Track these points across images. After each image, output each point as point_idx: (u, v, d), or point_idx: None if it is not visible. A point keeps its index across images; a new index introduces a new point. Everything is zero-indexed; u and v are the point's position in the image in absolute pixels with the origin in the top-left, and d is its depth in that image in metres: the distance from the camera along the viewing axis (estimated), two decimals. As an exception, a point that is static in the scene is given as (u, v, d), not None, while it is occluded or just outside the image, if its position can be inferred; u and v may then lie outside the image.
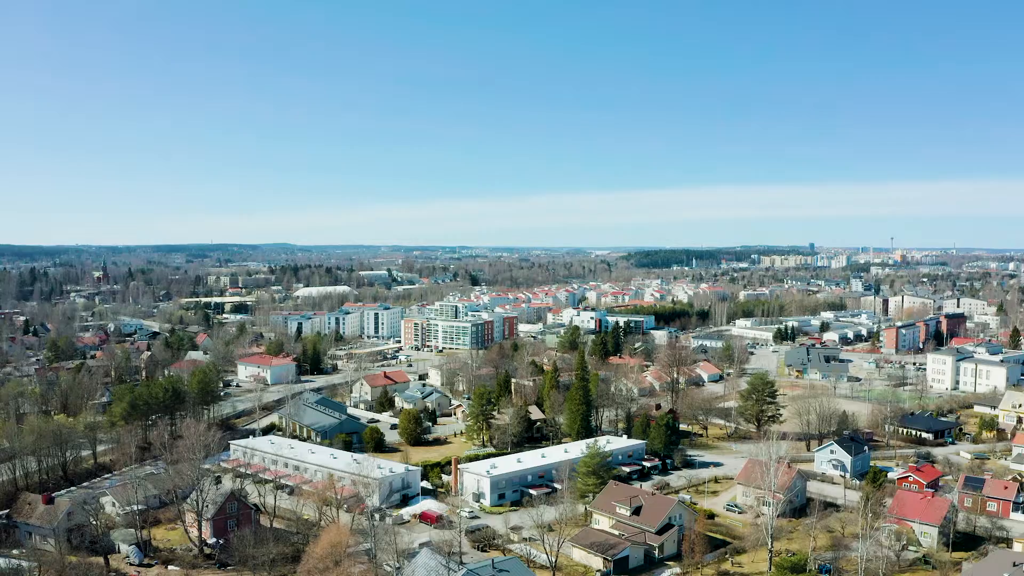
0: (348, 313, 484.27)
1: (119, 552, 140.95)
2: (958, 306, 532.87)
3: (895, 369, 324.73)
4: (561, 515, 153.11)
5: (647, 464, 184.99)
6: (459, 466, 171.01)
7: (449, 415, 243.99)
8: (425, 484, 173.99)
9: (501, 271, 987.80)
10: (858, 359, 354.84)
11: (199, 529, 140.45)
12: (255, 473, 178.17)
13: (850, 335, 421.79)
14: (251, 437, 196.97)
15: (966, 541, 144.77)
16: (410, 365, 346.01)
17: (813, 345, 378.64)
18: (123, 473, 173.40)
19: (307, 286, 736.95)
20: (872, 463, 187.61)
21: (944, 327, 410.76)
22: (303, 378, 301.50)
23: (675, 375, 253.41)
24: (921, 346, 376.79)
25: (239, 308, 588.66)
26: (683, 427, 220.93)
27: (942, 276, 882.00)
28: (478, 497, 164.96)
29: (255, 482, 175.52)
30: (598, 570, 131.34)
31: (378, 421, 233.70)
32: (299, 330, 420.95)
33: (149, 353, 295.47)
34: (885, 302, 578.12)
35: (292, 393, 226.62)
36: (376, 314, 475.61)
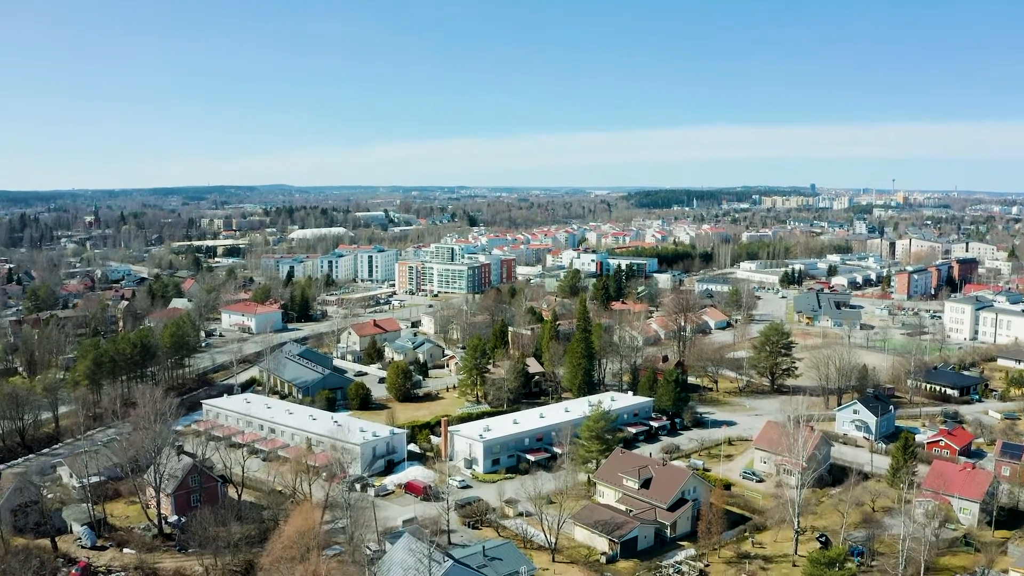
0: (341, 256, 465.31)
1: (71, 532, 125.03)
2: (967, 251, 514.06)
3: (909, 317, 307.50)
4: (561, 485, 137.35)
5: (655, 424, 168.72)
6: (450, 429, 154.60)
7: (442, 367, 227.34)
8: (413, 447, 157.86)
9: (500, 211, 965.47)
10: (869, 305, 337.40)
11: (157, 506, 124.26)
12: (227, 437, 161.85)
13: (859, 279, 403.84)
14: (225, 396, 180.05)
15: (1010, 518, 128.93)
16: (403, 308, 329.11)
17: (822, 290, 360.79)
18: (84, 439, 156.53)
19: (302, 228, 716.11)
20: (896, 423, 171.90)
21: (956, 272, 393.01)
22: (290, 326, 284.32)
23: (682, 323, 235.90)
24: (933, 292, 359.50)
25: (232, 252, 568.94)
26: (691, 380, 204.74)
27: (946, 219, 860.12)
28: (470, 463, 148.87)
29: (228, 446, 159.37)
30: (603, 553, 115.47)
31: (366, 374, 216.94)
32: (290, 274, 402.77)
33: (126, 303, 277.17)
34: (892, 245, 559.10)
35: (271, 345, 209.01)
36: (370, 257, 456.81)
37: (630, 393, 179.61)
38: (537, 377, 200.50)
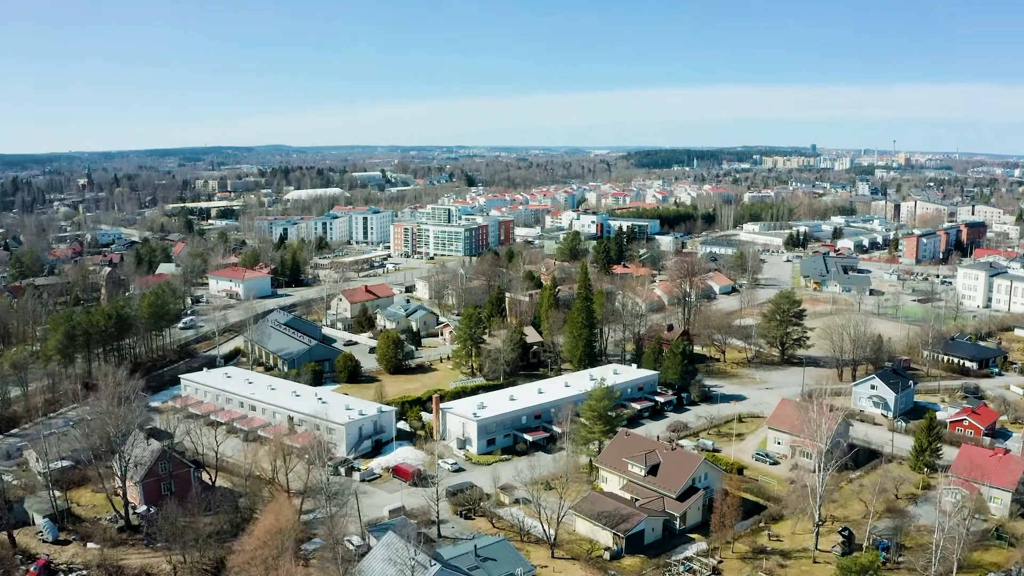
0: (336, 218, 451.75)
1: (34, 524, 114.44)
2: (973, 214, 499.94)
3: (919, 282, 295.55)
4: (561, 468, 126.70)
5: (660, 399, 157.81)
6: (442, 406, 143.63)
7: (436, 335, 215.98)
8: (403, 425, 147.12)
9: (498, 171, 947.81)
10: (877, 270, 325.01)
11: (123, 496, 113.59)
12: (206, 415, 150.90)
13: (865, 242, 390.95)
14: (205, 370, 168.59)
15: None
16: (398, 271, 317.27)
17: (828, 254, 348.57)
18: (45, 421, 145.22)
19: (298, 189, 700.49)
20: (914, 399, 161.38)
21: (964, 236, 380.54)
22: (280, 292, 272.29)
23: (688, 289, 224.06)
24: (942, 256, 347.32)
25: (225, 213, 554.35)
26: (697, 349, 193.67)
27: (948, 181, 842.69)
28: (463, 443, 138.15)
29: (207, 424, 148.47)
30: (607, 548, 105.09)
31: (356, 343, 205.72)
32: (283, 237, 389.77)
33: (109, 269, 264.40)
34: (896, 207, 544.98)
35: (255, 315, 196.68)
36: (365, 218, 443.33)
37: (634, 366, 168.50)
38: (535, 347, 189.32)
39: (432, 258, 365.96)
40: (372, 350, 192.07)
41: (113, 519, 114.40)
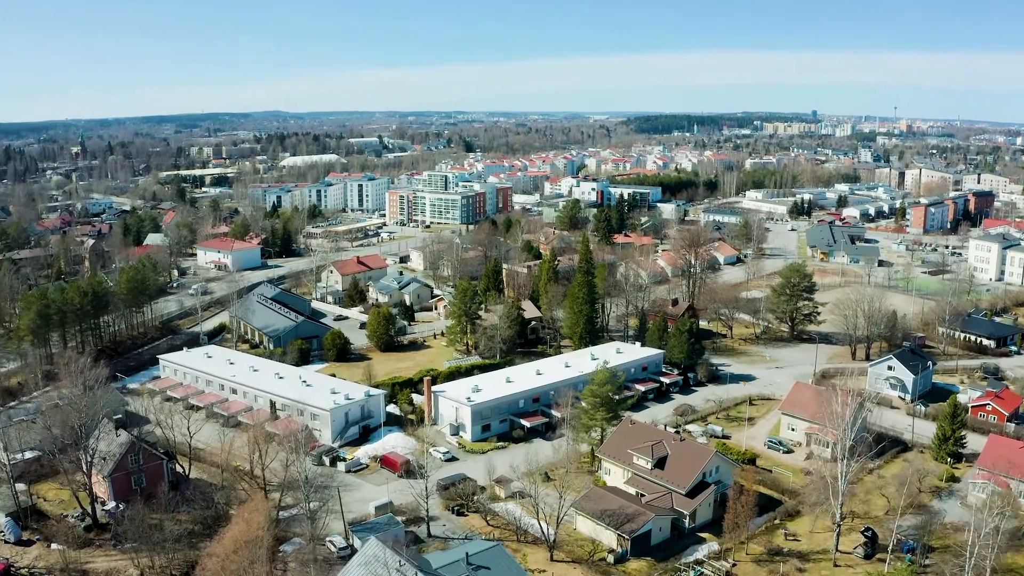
0: (330, 185, 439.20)
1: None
2: (979, 182, 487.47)
3: (928, 253, 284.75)
4: (561, 459, 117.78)
5: (666, 380, 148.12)
6: (434, 389, 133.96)
7: (430, 309, 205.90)
8: (393, 409, 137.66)
9: (497, 137, 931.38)
10: (884, 239, 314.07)
11: (89, 492, 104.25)
12: (185, 398, 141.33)
13: (871, 211, 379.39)
14: (185, 349, 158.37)
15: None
16: (393, 240, 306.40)
17: (834, 223, 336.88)
18: (11, 408, 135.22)
19: (294, 155, 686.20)
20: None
21: (972, 206, 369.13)
22: (270, 263, 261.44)
23: (693, 260, 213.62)
24: (949, 226, 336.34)
25: (219, 181, 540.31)
26: (703, 324, 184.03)
27: (951, 148, 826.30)
28: (456, 429, 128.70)
29: (186, 408, 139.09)
30: (611, 550, 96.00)
31: (347, 318, 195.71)
32: (276, 204, 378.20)
33: (92, 241, 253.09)
34: (901, 175, 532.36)
35: (238, 288, 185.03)
36: (360, 185, 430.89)
37: (637, 344, 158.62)
38: (534, 323, 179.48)
39: (428, 226, 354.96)
40: (363, 325, 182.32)
41: (80, 516, 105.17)
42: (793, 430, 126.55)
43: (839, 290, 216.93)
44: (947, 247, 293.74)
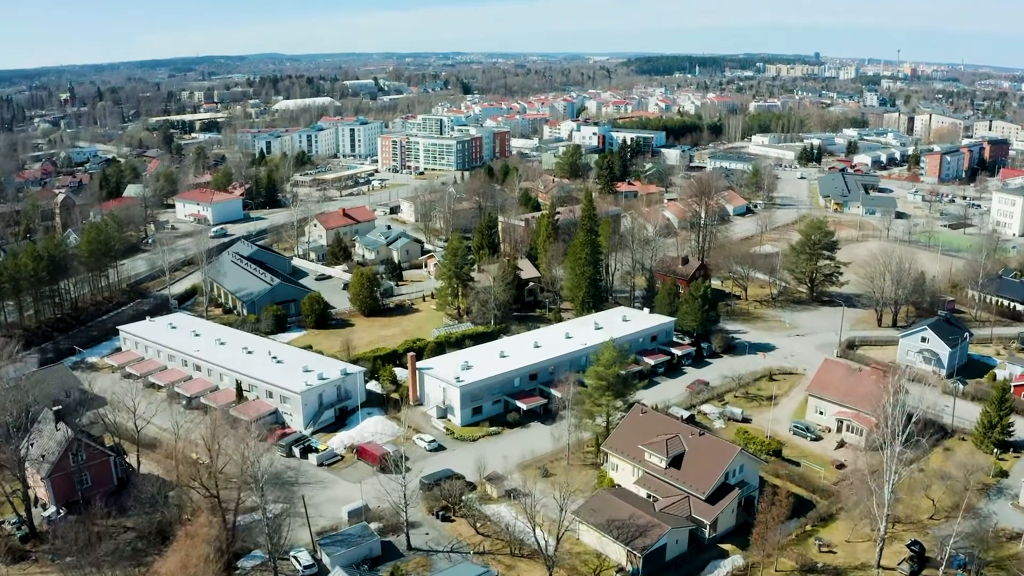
0: (321, 130, 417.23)
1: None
2: (990, 129, 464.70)
3: (946, 205, 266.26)
4: (561, 449, 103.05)
5: (677, 352, 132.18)
6: (419, 366, 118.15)
7: (420, 266, 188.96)
8: (374, 386, 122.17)
9: (495, 78, 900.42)
10: (898, 189, 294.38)
11: (24, 497, 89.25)
12: (145, 375, 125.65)
13: (882, 158, 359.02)
14: (147, 320, 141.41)
15: None
16: (384, 188, 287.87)
17: (845, 170, 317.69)
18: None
19: (287, 98, 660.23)
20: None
21: (987, 154, 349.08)
22: (253, 215, 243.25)
23: (702, 212, 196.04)
24: (964, 175, 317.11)
25: (210, 126, 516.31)
26: (714, 283, 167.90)
27: (957, 93, 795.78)
28: (444, 412, 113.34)
29: (147, 387, 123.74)
30: (619, 568, 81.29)
31: (329, 277, 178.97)
32: (265, 151, 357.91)
33: (63, 195, 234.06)
34: (910, 120, 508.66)
35: (212, 247, 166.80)
36: (352, 130, 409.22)
37: (646, 311, 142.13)
38: (531, 284, 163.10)
39: (422, 173, 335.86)
40: (346, 286, 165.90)
41: (17, 524, 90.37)
42: (821, 414, 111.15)
43: (858, 246, 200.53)
44: (964, 198, 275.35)
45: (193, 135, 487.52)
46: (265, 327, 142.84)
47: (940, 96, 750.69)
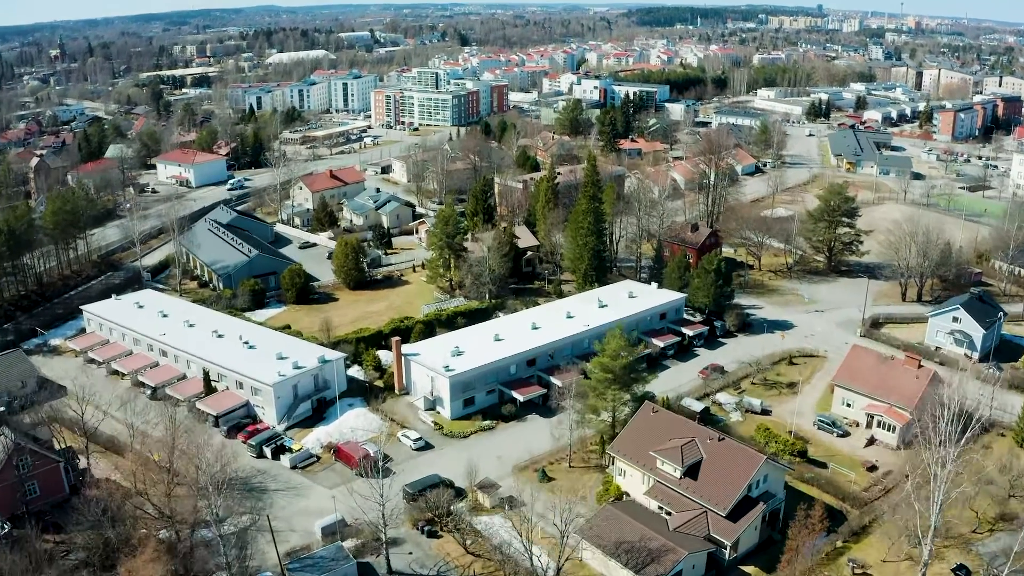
0: (313, 84, 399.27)
1: None
2: (1000, 85, 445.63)
3: (962, 165, 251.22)
4: (563, 446, 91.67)
5: (689, 332, 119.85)
6: (405, 351, 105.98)
7: (411, 232, 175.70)
8: (356, 371, 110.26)
9: (493, 29, 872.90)
10: (911, 147, 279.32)
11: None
12: (108, 361, 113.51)
13: (892, 114, 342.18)
14: (113, 298, 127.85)
15: None
16: (377, 146, 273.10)
17: (855, 127, 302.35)
18: None
19: (281, 51, 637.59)
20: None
21: (1001, 111, 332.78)
22: (238, 176, 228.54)
23: (711, 173, 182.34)
24: (978, 133, 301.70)
25: (201, 81, 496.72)
26: (726, 251, 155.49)
27: (963, 47, 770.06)
28: (432, 404, 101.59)
29: (111, 374, 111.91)
30: (628, 600, 70.21)
31: (314, 245, 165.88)
32: (255, 107, 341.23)
33: (38, 158, 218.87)
34: (918, 75, 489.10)
35: (177, 218, 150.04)
36: (345, 84, 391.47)
37: (654, 285, 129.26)
38: (530, 253, 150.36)
39: (416, 129, 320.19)
40: (331, 255, 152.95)
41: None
42: (849, 406, 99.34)
43: (874, 209, 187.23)
44: (980, 158, 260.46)
45: (184, 91, 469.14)
46: (242, 303, 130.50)
47: (945, 50, 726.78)
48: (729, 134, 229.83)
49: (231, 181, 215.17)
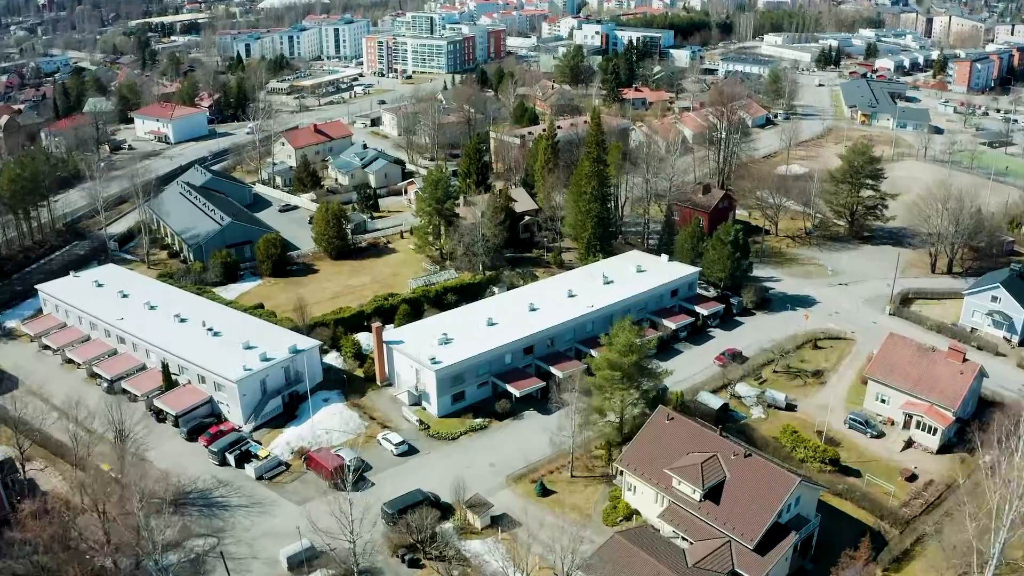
0: (304, 30, 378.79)
1: None
2: (1012, 34, 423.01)
3: (980, 118, 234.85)
4: (564, 451, 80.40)
5: (703, 311, 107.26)
6: (386, 339, 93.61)
7: (400, 192, 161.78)
8: (334, 358, 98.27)
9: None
10: (925, 99, 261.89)
11: None
12: (61, 348, 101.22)
13: (905, 63, 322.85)
14: (71, 274, 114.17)
15: None
16: (368, 95, 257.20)
17: (867, 75, 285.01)
18: None
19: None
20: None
21: (1016, 61, 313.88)
22: (220, 131, 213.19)
23: (723, 128, 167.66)
24: (994, 84, 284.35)
25: (191, 28, 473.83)
26: (740, 214, 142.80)
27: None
28: (418, 398, 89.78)
29: (65, 362, 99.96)
30: (641, 654, 59.28)
31: (295, 208, 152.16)
32: (243, 54, 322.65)
33: (9, 116, 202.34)
34: (928, 22, 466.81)
35: (143, 181, 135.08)
36: (336, 30, 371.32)
37: (664, 257, 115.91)
38: (527, 219, 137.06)
39: (410, 77, 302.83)
40: (313, 220, 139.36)
41: None
42: (884, 402, 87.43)
43: (894, 166, 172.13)
44: (998, 111, 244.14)
45: (172, 38, 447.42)
46: (213, 277, 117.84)
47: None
48: (742, 83, 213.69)
49: (249, 125, 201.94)
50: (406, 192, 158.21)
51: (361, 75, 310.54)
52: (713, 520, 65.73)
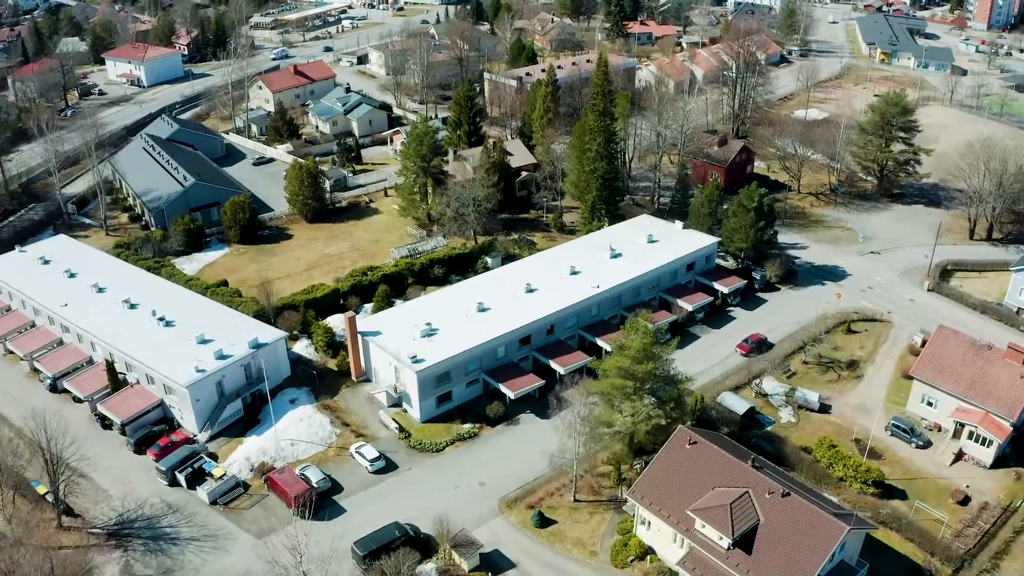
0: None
1: None
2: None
3: (1003, 58, 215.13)
4: (565, 469, 68.65)
5: (723, 288, 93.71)
6: (362, 330, 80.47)
7: (385, 142, 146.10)
8: (305, 347, 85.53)
9: None
10: (944, 36, 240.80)
11: None
12: (3, 339, 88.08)
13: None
14: (15, 249, 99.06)
15: None
16: (356, 30, 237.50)
17: (882, 9, 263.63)
18: None
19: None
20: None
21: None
22: (197, 71, 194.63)
23: (739, 68, 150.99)
24: (1013, 20, 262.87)
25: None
26: (758, 166, 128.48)
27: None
28: (398, 399, 77.39)
29: (7, 353, 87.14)
30: None
31: (271, 160, 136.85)
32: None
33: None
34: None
35: (98, 136, 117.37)
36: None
37: (678, 224, 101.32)
38: (524, 175, 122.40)
39: (401, 8, 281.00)
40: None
41: None
42: (930, 405, 74.99)
43: (919, 113, 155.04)
44: (1021, 49, 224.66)
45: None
46: (175, 245, 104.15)
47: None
48: (759, 20, 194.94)
49: (276, 51, 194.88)
50: (392, 141, 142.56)
51: (350, 6, 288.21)
52: (744, 573, 54.08)
